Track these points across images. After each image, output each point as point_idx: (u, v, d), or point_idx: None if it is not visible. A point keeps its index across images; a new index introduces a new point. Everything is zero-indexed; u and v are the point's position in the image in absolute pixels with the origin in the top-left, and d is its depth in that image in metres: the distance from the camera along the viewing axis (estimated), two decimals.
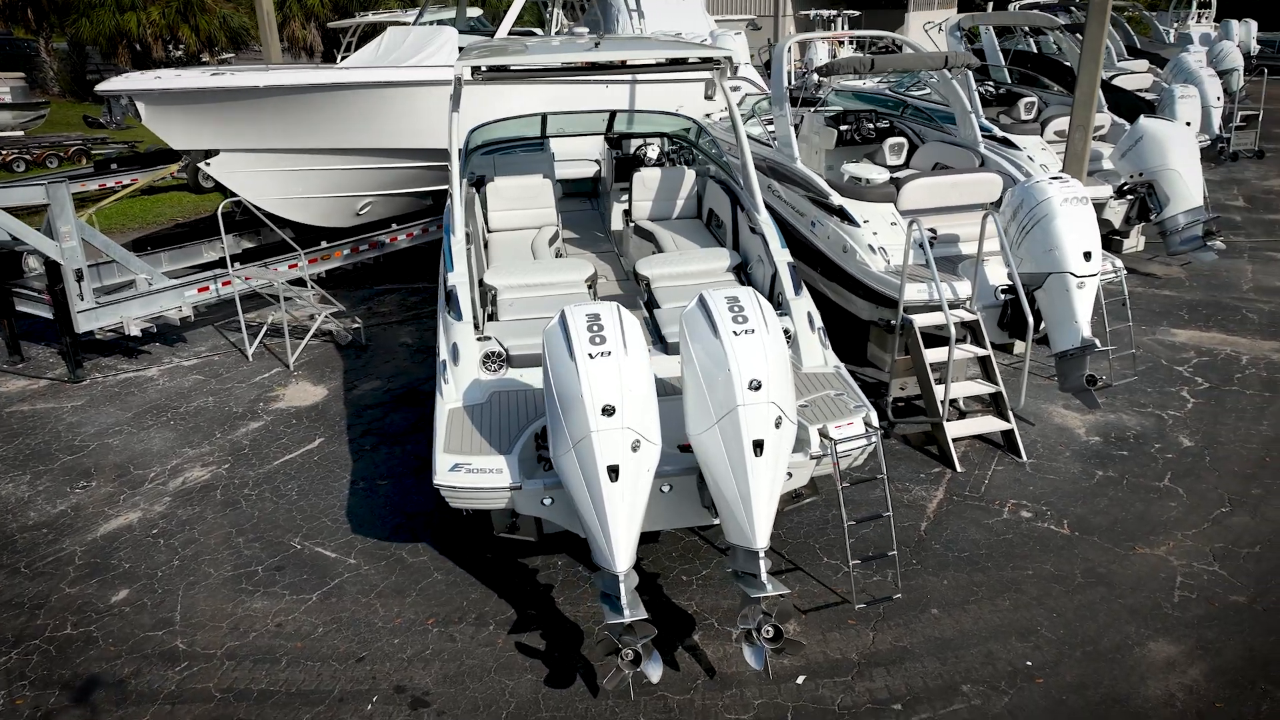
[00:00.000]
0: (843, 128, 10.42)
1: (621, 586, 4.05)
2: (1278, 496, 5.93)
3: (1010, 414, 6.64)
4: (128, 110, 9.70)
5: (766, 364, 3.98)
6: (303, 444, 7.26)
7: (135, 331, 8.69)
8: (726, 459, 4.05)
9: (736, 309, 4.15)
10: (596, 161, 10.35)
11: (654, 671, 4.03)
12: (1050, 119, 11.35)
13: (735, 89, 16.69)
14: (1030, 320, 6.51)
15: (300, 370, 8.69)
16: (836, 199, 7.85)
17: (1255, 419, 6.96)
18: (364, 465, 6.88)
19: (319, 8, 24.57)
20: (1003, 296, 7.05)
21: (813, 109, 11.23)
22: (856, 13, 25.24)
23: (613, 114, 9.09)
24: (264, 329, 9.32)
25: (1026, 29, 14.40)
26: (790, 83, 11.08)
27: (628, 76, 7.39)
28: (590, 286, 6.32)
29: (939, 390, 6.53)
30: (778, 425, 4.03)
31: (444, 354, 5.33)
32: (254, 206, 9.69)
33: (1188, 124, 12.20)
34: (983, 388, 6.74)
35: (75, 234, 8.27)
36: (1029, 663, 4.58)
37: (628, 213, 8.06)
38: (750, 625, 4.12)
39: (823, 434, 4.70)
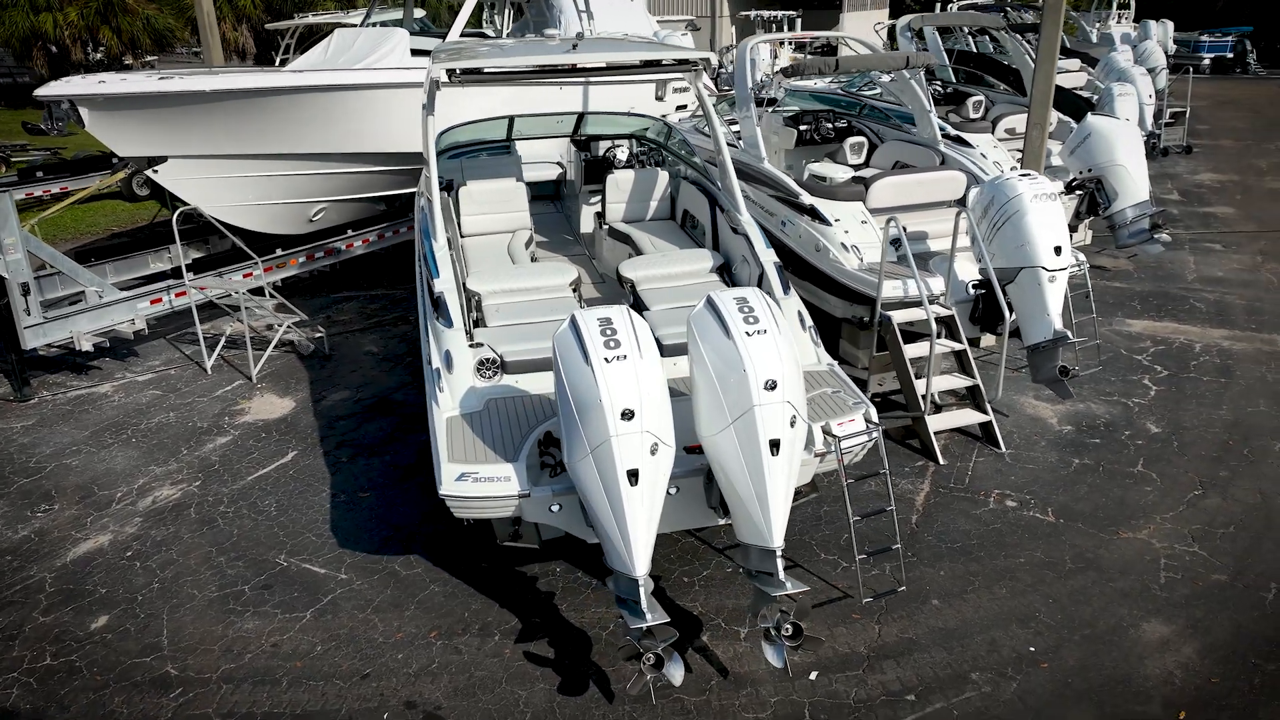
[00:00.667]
0: (802, 127, 10.57)
1: (641, 590, 4.05)
2: (1244, 478, 6.21)
3: (988, 406, 6.82)
4: (69, 116, 9.34)
5: (781, 363, 4.03)
6: (275, 458, 7.09)
7: (87, 346, 8.38)
8: (742, 459, 4.08)
9: (746, 309, 4.19)
10: (558, 164, 10.32)
11: (676, 674, 4.04)
12: (1000, 117, 11.68)
13: (685, 89, 16.86)
14: (1007, 314, 6.69)
15: (264, 382, 8.47)
16: (807, 198, 7.96)
17: (1214, 404, 7.27)
18: (343, 478, 6.75)
19: (250, 8, 23.92)
20: (973, 291, 7.23)
21: (770, 109, 11.37)
22: (796, 13, 25.59)
23: (580, 116, 9.08)
24: (222, 341, 9.06)
25: (969, 29, 14.81)
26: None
27: (606, 78, 7.38)
28: (575, 290, 6.31)
29: (919, 385, 6.67)
30: (792, 424, 4.08)
31: (436, 362, 5.25)
32: (209, 215, 9.41)
33: (1127, 120, 12.68)
34: (960, 381, 6.91)
35: (20, 245, 7.95)
36: (1032, 648, 4.72)
37: (600, 215, 8.05)
38: (769, 624, 4.15)
39: (826, 431, 4.77)
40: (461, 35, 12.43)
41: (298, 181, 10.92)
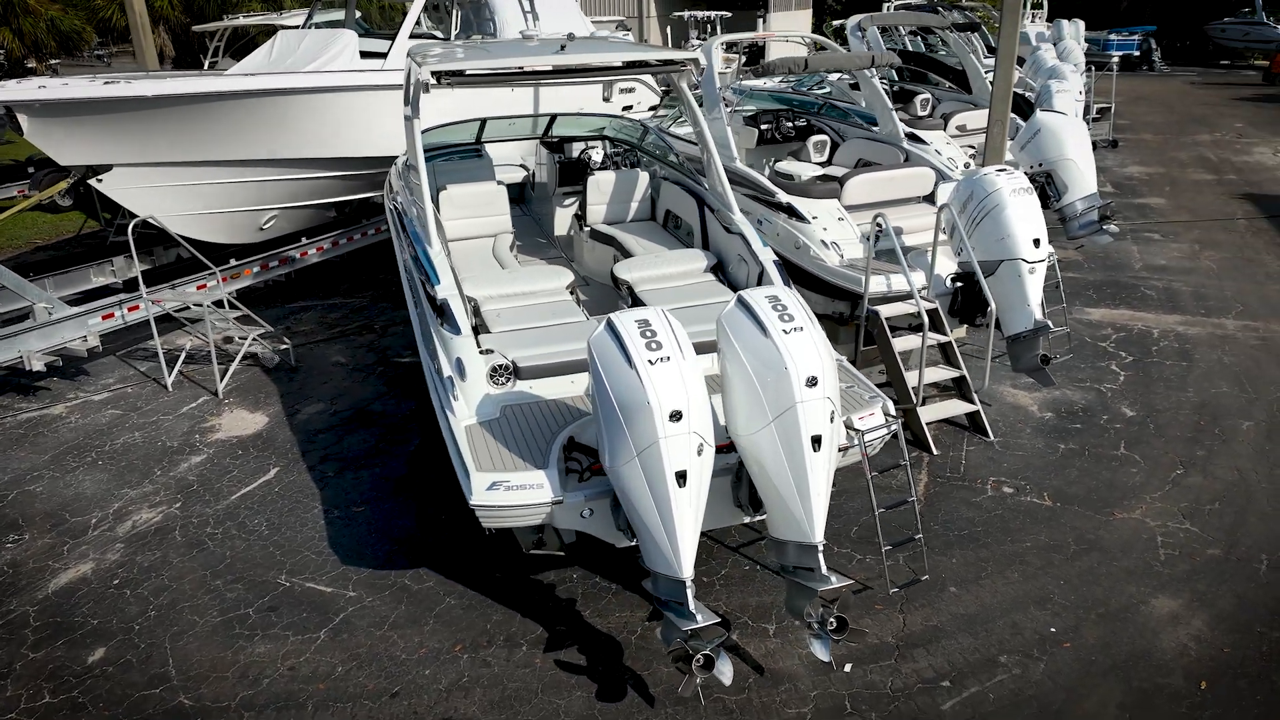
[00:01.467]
0: (762, 127, 10.69)
1: (688, 592, 4.05)
2: (1220, 456, 6.52)
3: (975, 396, 7.02)
4: (5, 124, 8.90)
5: (820, 359, 4.08)
6: (257, 475, 6.87)
7: (38, 366, 7.99)
8: (783, 456, 4.12)
9: (780, 307, 4.24)
10: (521, 166, 10.24)
11: (726, 674, 4.05)
12: (949, 114, 12.00)
13: (630, 90, 16.89)
14: (993, 305, 6.89)
15: (231, 398, 8.20)
16: (784, 196, 8.07)
17: (1180, 387, 7.61)
18: (332, 493, 6.58)
19: (168, 9, 23.05)
20: (952, 284, 7.42)
21: (729, 109, 11.48)
22: (729, 14, 25.86)
23: (553, 118, 9.02)
24: (182, 356, 8.73)
25: (907, 28, 15.20)
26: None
27: (593, 78, 7.33)
28: (572, 293, 6.27)
29: (910, 377, 6.82)
30: (831, 419, 4.13)
31: (448, 370, 5.16)
32: (166, 226, 9.05)
33: (1073, 116, 13.19)
34: (947, 372, 7.09)
35: None
36: (1052, 629, 4.88)
37: (580, 217, 8.01)
38: (813, 618, 4.20)
39: (848, 425, 4.85)
40: (410, 36, 12.23)
41: (248, 189, 10.61)
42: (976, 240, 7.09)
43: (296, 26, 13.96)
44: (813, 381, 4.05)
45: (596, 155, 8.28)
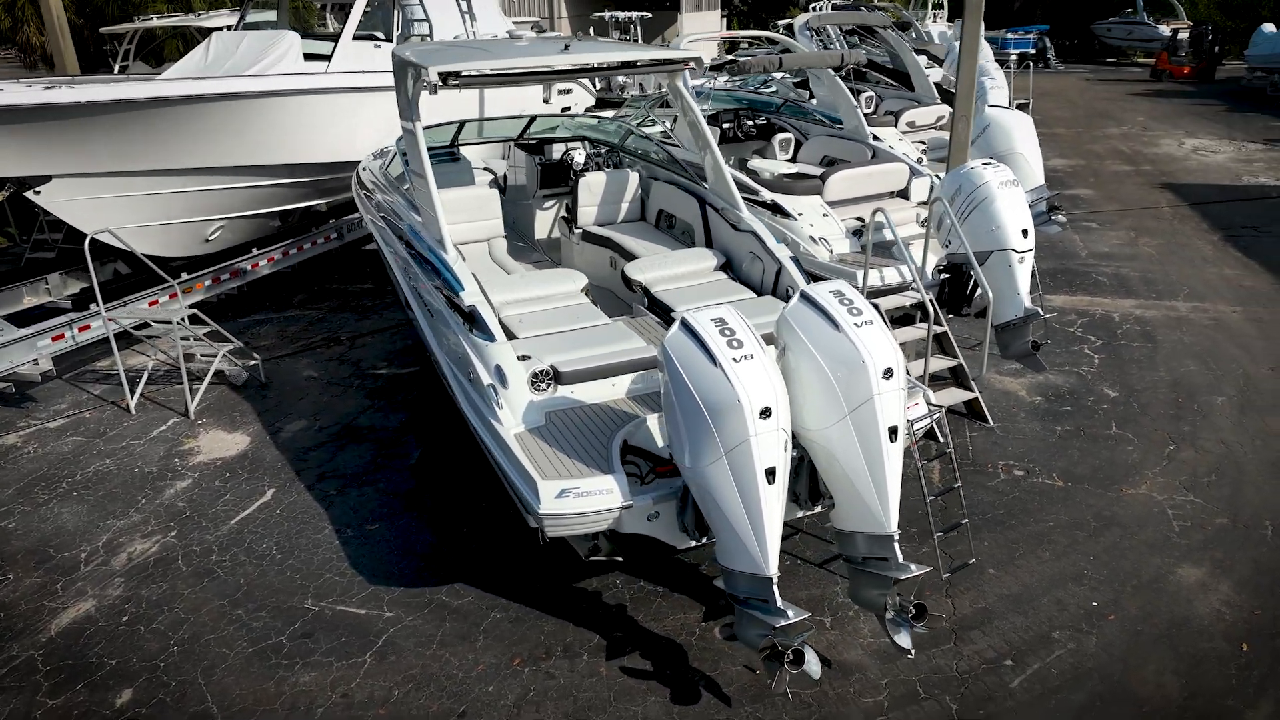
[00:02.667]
0: (724, 126, 10.81)
1: (775, 589, 4.08)
2: (1204, 431, 6.92)
3: (973, 384, 7.26)
4: None
5: (894, 352, 4.17)
6: (252, 497, 6.59)
7: None
8: (859, 449, 4.19)
9: (847, 302, 4.31)
10: (487, 169, 10.09)
11: (816, 667, 4.09)
12: (897, 111, 12.36)
13: (568, 91, 16.84)
14: (990, 295, 7.13)
15: (203, 418, 7.83)
16: (768, 194, 8.18)
17: (1151, 367, 8.04)
18: (340, 512, 6.36)
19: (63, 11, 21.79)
20: (940, 275, 7.66)
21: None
22: (649, 14, 26.00)
23: (531, 119, 8.91)
24: (145, 376, 8.30)
25: (847, 27, 15.59)
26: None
27: (597, 77, 7.24)
28: (587, 295, 6.23)
29: (915, 367, 7.00)
30: (904, 410, 4.22)
31: (488, 378, 5.05)
32: (122, 239, 8.58)
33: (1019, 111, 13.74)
34: (944, 362, 7.31)
35: None
36: (1094, 603, 5.09)
37: (568, 220, 7.95)
38: (892, 607, 4.28)
39: None
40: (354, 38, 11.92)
41: (194, 198, 10.17)
42: (966, 232, 7.32)
43: (218, 28, 13.44)
44: (889, 373, 4.13)
45: (579, 157, 8.23)
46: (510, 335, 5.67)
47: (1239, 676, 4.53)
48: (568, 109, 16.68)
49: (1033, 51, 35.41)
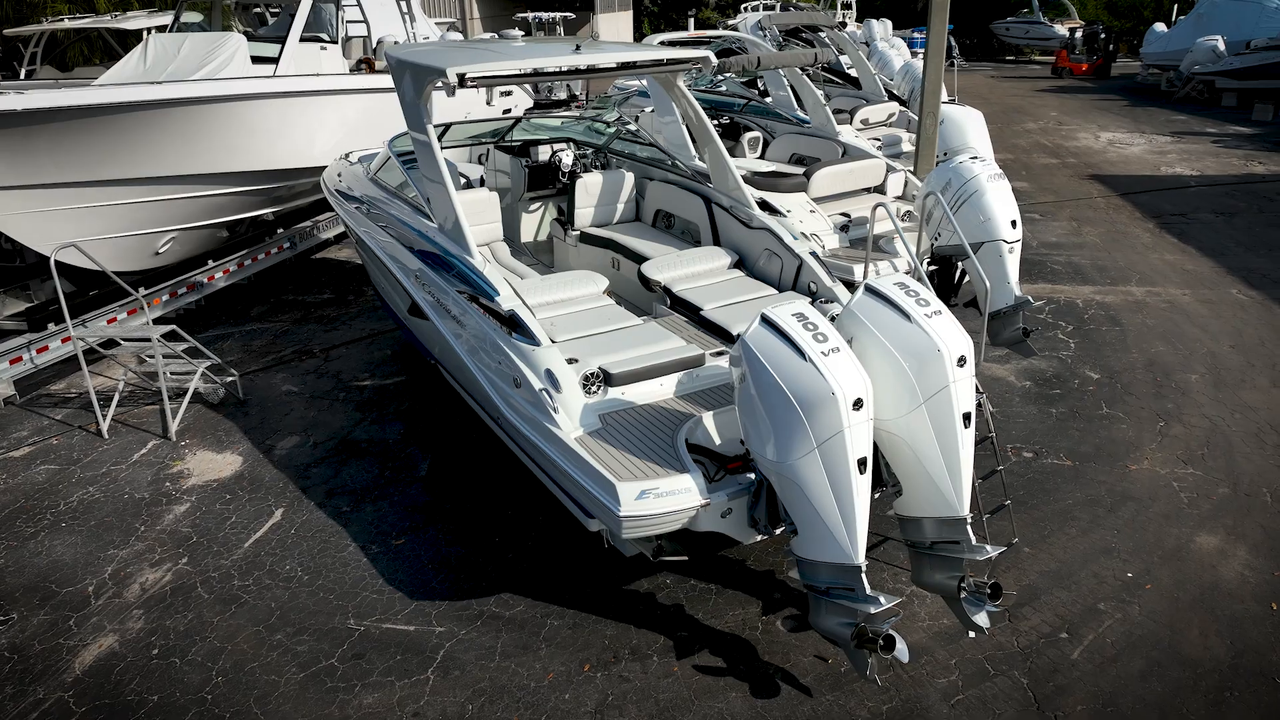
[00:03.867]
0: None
1: (864, 577, 4.17)
2: (1187, 407, 7.35)
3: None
4: None
5: (966, 340, 4.32)
6: (261, 518, 6.37)
7: None
8: (934, 436, 4.32)
9: (914, 294, 4.44)
10: (463, 175, 9.95)
11: (904, 651, 4.21)
12: (850, 109, 12.69)
13: (508, 93, 16.72)
14: (988, 284, 7.39)
15: (185, 439, 7.52)
16: (756, 192, 8.29)
17: (1124, 349, 8.49)
18: (359, 528, 6.20)
19: None
20: (929, 268, 7.92)
21: (649, 110, 11.64)
22: (572, 14, 25.96)
23: (515, 121, 8.81)
24: (116, 398, 7.90)
25: (788, 27, 15.87)
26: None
27: (609, 77, 7.18)
28: (611, 297, 6.23)
29: None
30: (975, 394, 4.38)
31: (537, 383, 5.00)
32: (87, 253, 8.13)
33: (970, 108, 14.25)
34: None
35: None
36: (1129, 574, 5.37)
37: (562, 221, 7.91)
38: (968, 588, 4.44)
39: None
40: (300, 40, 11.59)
41: (144, 210, 9.73)
42: (958, 223, 7.59)
43: (136, 30, 12.86)
44: (962, 361, 4.28)
45: (567, 158, 8.20)
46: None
47: (1277, 633, 4.85)
48: (508, 111, 16.58)
49: None
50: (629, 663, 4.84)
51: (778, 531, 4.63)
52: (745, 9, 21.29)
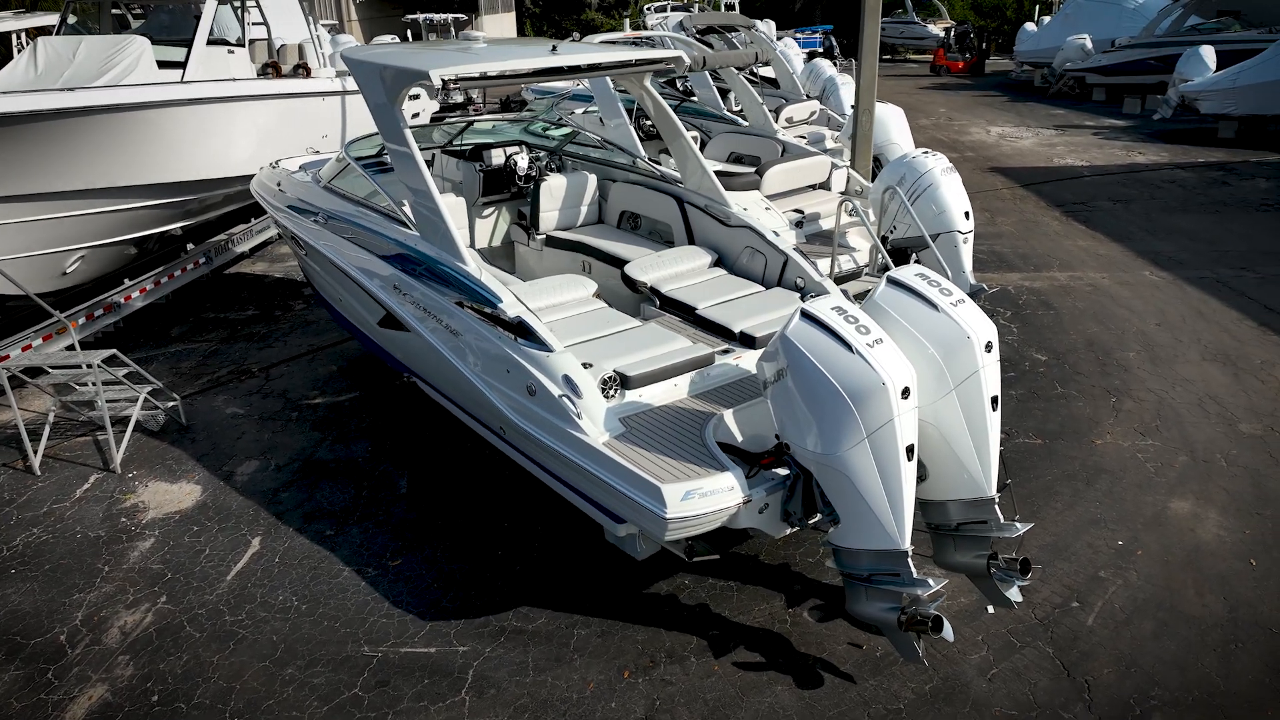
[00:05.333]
0: None
1: (910, 562, 4.32)
2: (1133, 383, 7.86)
3: None
4: None
5: (991, 327, 4.53)
6: (239, 549, 6.07)
7: None
8: (964, 421, 4.51)
9: (936, 284, 4.63)
10: None
11: (950, 631, 4.37)
12: (776, 109, 12.99)
13: (416, 97, 16.40)
14: (950, 273, 7.72)
15: (132, 470, 7.09)
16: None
17: (1062, 331, 9.01)
18: (348, 552, 5.99)
19: None
20: (878, 260, 8.22)
21: (583, 111, 11.63)
22: (464, 16, 25.64)
23: (468, 124, 8.64)
24: (47, 430, 7.37)
25: (700, 27, 16.12)
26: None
27: (587, 77, 7.06)
28: (601, 300, 6.22)
29: None
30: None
31: (556, 390, 4.95)
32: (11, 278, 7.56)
33: (851, 107, 14.78)
34: None
35: None
36: (1120, 542, 5.72)
37: (523, 225, 7.83)
38: (998, 565, 4.64)
39: None
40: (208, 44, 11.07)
41: (51, 227, 9.12)
42: (914, 217, 7.91)
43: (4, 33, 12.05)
44: (989, 346, 4.49)
45: (523, 162, 8.10)
46: None
47: (1261, 586, 5.27)
48: (416, 115, 16.26)
49: (820, 50, 38.04)
50: (668, 666, 4.85)
51: (810, 523, 4.72)
52: (648, 10, 21.53)
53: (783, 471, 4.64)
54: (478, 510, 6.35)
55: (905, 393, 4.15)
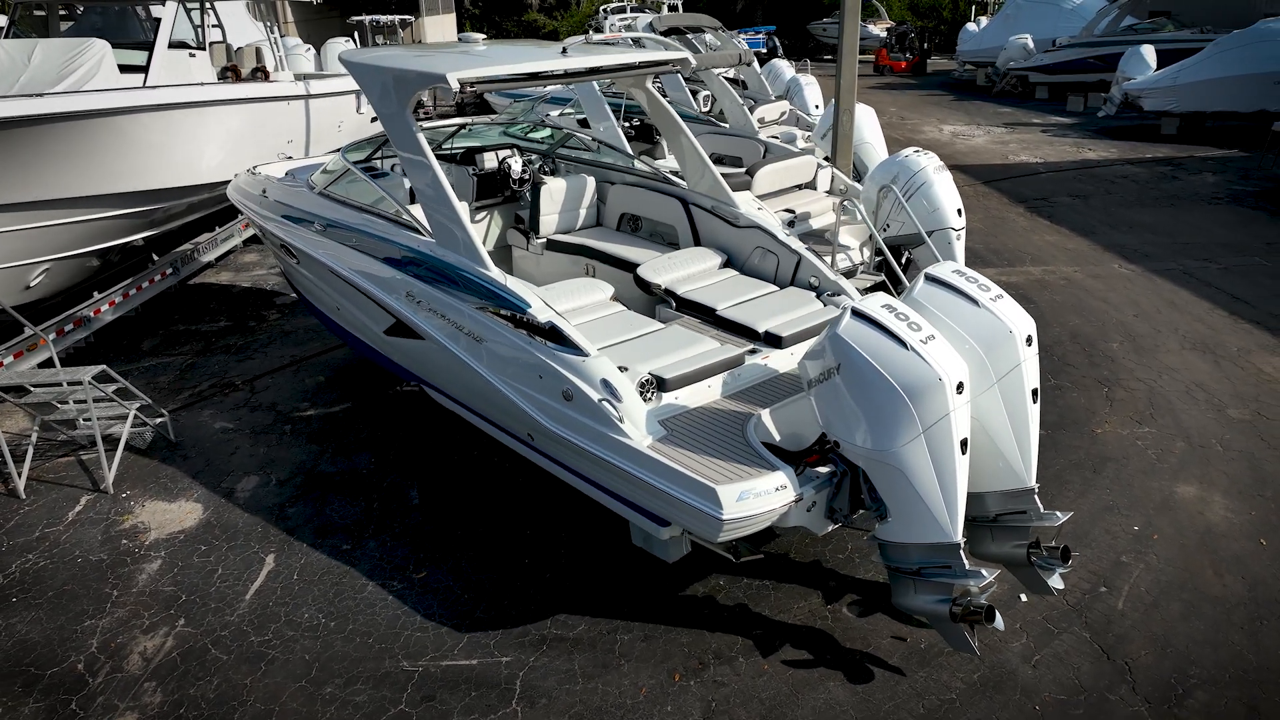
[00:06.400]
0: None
1: (963, 554, 4.41)
2: (1120, 373, 8.13)
3: None
4: None
5: (1029, 320, 4.66)
6: (253, 567, 5.94)
7: None
8: (1006, 412, 4.64)
9: (973, 280, 4.75)
10: None
11: (1000, 620, 4.48)
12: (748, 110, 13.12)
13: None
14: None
15: (125, 491, 6.88)
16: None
17: (1046, 324, 9.24)
18: (369, 566, 5.90)
19: None
20: (876, 257, 8.38)
21: (558, 112, 11.61)
22: (411, 19, 25.37)
23: (459, 127, 8.54)
24: (30, 452, 7.10)
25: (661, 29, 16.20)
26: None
27: (599, 79, 7.03)
28: (619, 302, 6.22)
29: None
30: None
31: (595, 395, 4.94)
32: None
33: (817, 106, 15.02)
34: None
35: None
36: (1135, 528, 5.92)
37: (524, 230, 7.78)
38: (1040, 554, 4.77)
39: None
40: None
41: (15, 240, 8.80)
42: (908, 214, 8.07)
43: None
44: (1029, 340, 4.62)
45: (516, 165, 8.05)
46: None
47: (1276, 564, 5.50)
48: (375, 119, 16.05)
49: (764, 50, 38.49)
50: (717, 667, 4.88)
51: (854, 518, 4.80)
52: (603, 12, 21.55)
53: (823, 470, 4.70)
54: (496, 518, 6.30)
55: (960, 388, 4.25)
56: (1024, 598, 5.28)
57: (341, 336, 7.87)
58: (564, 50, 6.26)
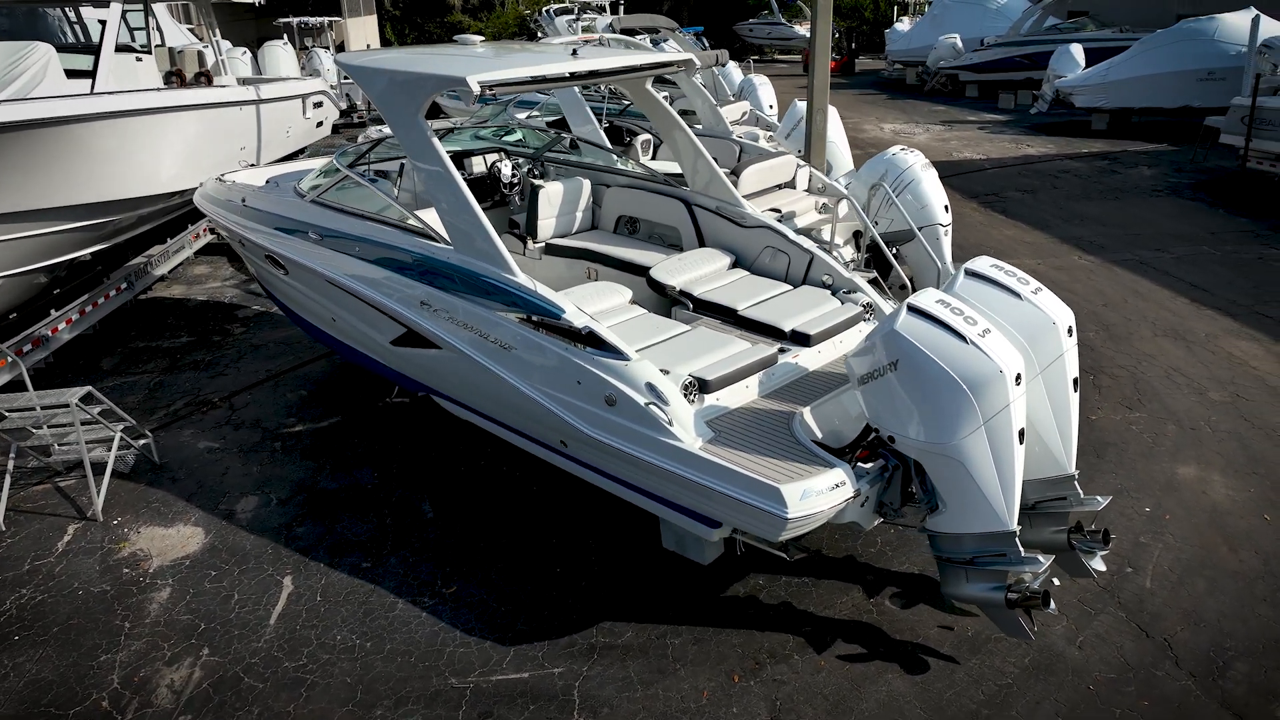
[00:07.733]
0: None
1: (1018, 541, 4.56)
2: (1104, 360, 8.47)
3: None
4: None
5: (1068, 311, 4.83)
6: (272, 590, 5.78)
7: None
8: (1049, 401, 4.80)
9: (1012, 273, 4.90)
10: None
11: (1053, 604, 4.64)
12: None
13: (319, 104, 15.88)
14: (940, 265, 8.11)
15: (118, 517, 6.61)
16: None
17: None
18: (394, 583, 5.79)
19: None
20: (866, 254, 8.57)
21: (527, 115, 11.53)
22: (340, 19, 24.88)
23: (448, 130, 8.40)
24: (6, 481, 6.76)
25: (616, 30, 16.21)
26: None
27: (608, 81, 6.98)
28: (636, 304, 6.23)
29: None
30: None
31: (642, 399, 4.94)
32: None
33: (771, 106, 15.26)
34: None
35: None
36: (1147, 509, 6.18)
37: (517, 234, 7.72)
38: (1081, 538, 4.95)
39: None
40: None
41: None
42: (896, 212, 8.28)
43: None
44: (1070, 331, 4.79)
45: (507, 169, 7.97)
46: None
47: (1279, 538, 5.83)
48: (321, 124, 15.76)
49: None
50: (773, 666, 4.93)
51: (903, 512, 4.91)
52: (547, 13, 21.47)
53: (870, 465, 4.80)
54: (517, 528, 6.24)
55: (1018, 379, 4.38)
56: (1056, 581, 5.45)
57: (335, 348, 7.69)
58: (574, 52, 6.25)
